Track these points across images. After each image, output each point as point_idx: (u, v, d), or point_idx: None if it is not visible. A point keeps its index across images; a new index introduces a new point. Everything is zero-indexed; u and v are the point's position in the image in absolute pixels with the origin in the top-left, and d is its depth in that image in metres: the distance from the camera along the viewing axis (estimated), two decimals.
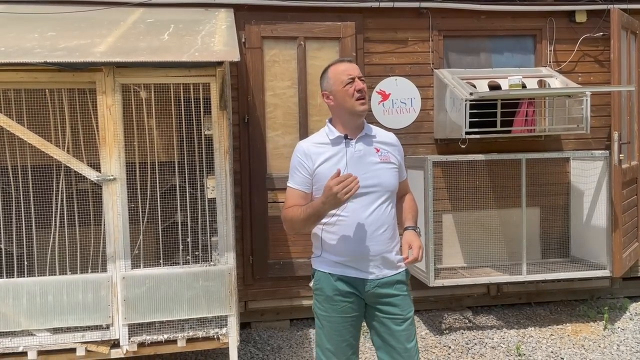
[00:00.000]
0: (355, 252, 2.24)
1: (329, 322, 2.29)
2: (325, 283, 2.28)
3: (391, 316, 2.28)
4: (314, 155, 2.27)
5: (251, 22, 4.30)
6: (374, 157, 2.29)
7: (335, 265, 2.27)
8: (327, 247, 2.28)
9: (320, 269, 2.31)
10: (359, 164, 2.25)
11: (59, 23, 3.70)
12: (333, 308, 2.27)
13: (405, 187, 2.48)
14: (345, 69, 2.27)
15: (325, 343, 2.30)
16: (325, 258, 2.30)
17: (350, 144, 2.27)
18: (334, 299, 2.27)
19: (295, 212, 2.22)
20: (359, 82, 2.25)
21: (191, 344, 3.29)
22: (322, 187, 2.14)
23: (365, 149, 2.29)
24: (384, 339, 2.30)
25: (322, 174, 2.22)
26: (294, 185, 2.30)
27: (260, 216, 4.38)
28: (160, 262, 3.33)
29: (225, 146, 3.29)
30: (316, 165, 2.25)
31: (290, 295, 4.49)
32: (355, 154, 2.26)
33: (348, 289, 2.26)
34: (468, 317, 4.60)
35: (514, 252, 4.57)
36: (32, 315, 3.14)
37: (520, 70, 4.60)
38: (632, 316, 4.61)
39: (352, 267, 2.26)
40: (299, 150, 2.31)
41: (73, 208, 3.33)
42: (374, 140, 2.33)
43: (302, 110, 4.40)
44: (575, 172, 4.76)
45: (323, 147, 2.28)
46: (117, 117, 3.17)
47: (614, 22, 4.32)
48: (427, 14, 4.52)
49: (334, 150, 2.27)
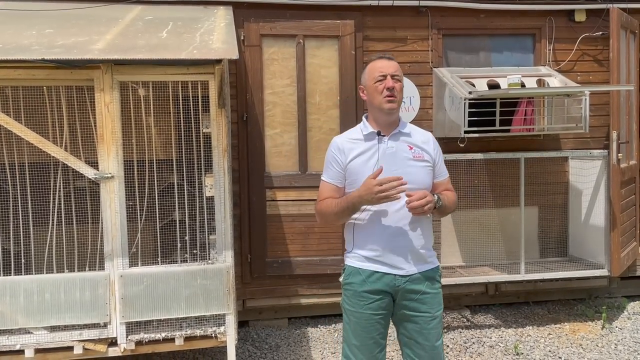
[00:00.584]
0: (385, 246, 2.27)
1: (356, 317, 2.31)
2: (355, 278, 2.32)
3: (420, 314, 2.30)
4: (347, 150, 2.32)
5: (250, 20, 4.29)
6: (406, 154, 2.30)
7: (366, 261, 2.30)
8: (358, 241, 2.32)
9: (350, 264, 2.35)
10: (390, 160, 2.27)
11: (56, 20, 3.68)
12: (361, 304, 2.30)
13: (447, 186, 2.45)
14: (380, 66, 2.30)
15: (352, 339, 2.32)
16: (356, 253, 2.34)
17: (382, 141, 2.32)
18: (363, 295, 2.29)
19: (330, 205, 2.30)
20: (390, 80, 2.27)
21: (189, 343, 3.28)
22: (353, 181, 2.27)
23: (397, 146, 2.31)
24: (412, 336, 2.32)
25: (354, 169, 2.29)
26: (327, 179, 2.36)
27: (259, 214, 4.38)
28: (158, 261, 3.32)
29: (224, 144, 3.28)
30: (348, 160, 2.31)
31: (288, 293, 4.49)
32: (387, 150, 2.29)
33: (378, 286, 2.28)
34: (466, 316, 4.60)
35: (512, 251, 4.57)
36: (30, 313, 3.13)
37: (519, 70, 4.60)
38: (630, 315, 4.61)
39: (382, 263, 2.28)
40: (333, 145, 2.37)
41: (71, 206, 3.31)
42: (408, 138, 2.35)
43: (300, 109, 4.39)
44: (574, 172, 4.76)
45: (356, 143, 2.33)
46: (115, 114, 3.16)
47: (613, 21, 4.32)
48: (427, 13, 4.52)
49: (367, 146, 2.32)
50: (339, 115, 4.43)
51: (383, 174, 2.18)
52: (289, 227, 4.42)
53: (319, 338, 4.28)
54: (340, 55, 4.40)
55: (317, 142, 4.43)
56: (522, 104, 4.45)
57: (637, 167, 4.91)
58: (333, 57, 4.42)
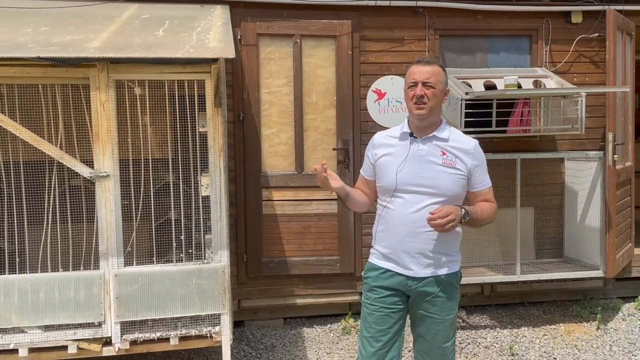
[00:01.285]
0: (398, 246, 2.32)
1: (368, 309, 2.40)
2: (371, 273, 2.42)
3: (430, 315, 2.35)
4: (380, 146, 2.42)
5: (247, 19, 4.28)
6: (436, 159, 2.30)
7: (382, 258, 2.39)
8: (378, 239, 2.42)
9: (370, 260, 2.47)
10: (417, 162, 2.30)
11: (52, 18, 3.67)
12: (373, 297, 2.39)
13: (486, 196, 2.41)
14: (414, 72, 2.32)
15: (363, 330, 2.41)
16: (376, 249, 2.43)
17: (414, 142, 2.34)
18: (375, 290, 2.38)
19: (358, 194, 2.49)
20: (419, 87, 2.27)
21: (184, 342, 3.27)
22: (380, 177, 2.38)
23: (428, 150, 2.31)
24: (422, 333, 2.39)
25: (382, 165, 2.38)
26: (361, 171, 2.54)
27: (255, 214, 4.37)
28: (154, 260, 3.31)
29: (220, 143, 3.28)
30: (379, 155, 2.40)
31: (284, 293, 4.48)
32: (417, 152, 2.32)
33: (389, 283, 2.35)
34: (462, 317, 4.60)
35: (508, 252, 4.58)
36: (24, 313, 3.11)
37: (516, 70, 4.60)
38: (624, 317, 4.62)
39: (394, 262, 2.34)
40: (372, 139, 2.49)
41: (65, 204, 3.30)
42: (443, 142, 2.34)
43: (297, 108, 4.39)
44: (570, 173, 4.77)
45: (391, 140, 2.41)
46: (110, 113, 3.15)
47: (610, 23, 4.33)
48: (424, 13, 4.51)
49: (399, 145, 2.37)
50: (336, 115, 4.43)
51: (407, 175, 2.29)
52: (285, 227, 4.42)
53: (315, 338, 4.27)
54: (337, 55, 4.40)
55: (313, 142, 4.43)
56: (519, 105, 4.45)
57: (632, 169, 4.92)
58: (330, 57, 4.41)
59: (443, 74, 2.33)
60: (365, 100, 4.49)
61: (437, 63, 2.36)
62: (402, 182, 2.28)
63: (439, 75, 2.31)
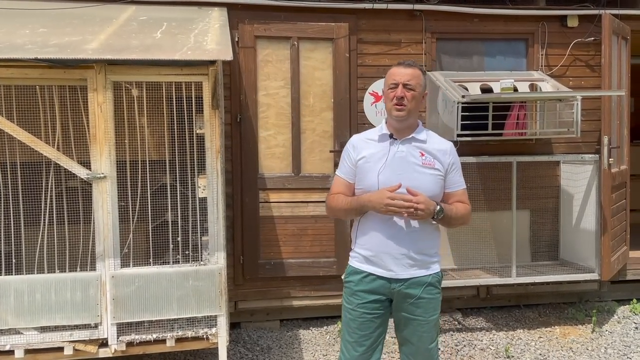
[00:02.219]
0: (381, 249, 2.32)
1: (351, 314, 2.39)
2: (353, 277, 2.40)
3: (414, 317, 2.35)
4: (360, 148, 2.40)
5: (244, 21, 4.29)
6: (415, 160, 2.33)
7: (364, 261, 2.37)
8: (360, 242, 2.40)
9: (351, 263, 2.43)
10: (398, 164, 2.31)
11: (50, 19, 3.67)
12: (356, 302, 2.38)
13: (460, 197, 2.44)
14: (395, 74, 2.33)
15: (346, 335, 2.41)
16: (357, 252, 2.41)
17: (394, 143, 2.35)
18: (357, 294, 2.37)
19: (341, 201, 2.39)
20: (400, 89, 2.29)
21: (180, 344, 3.27)
22: (361, 179, 2.36)
23: (408, 151, 2.34)
24: (408, 337, 2.39)
25: (362, 167, 2.37)
26: (340, 174, 2.46)
27: (252, 216, 4.37)
28: (150, 261, 3.31)
29: (217, 145, 3.28)
30: (359, 157, 2.38)
31: (280, 295, 4.49)
32: (397, 154, 2.33)
33: (372, 287, 2.34)
34: (457, 319, 4.61)
35: (503, 255, 4.59)
36: (20, 314, 3.11)
37: (512, 74, 4.62)
38: (619, 319, 4.64)
39: (377, 265, 2.33)
40: (350, 142, 2.46)
41: (62, 206, 3.30)
42: (422, 144, 2.37)
43: (294, 111, 4.40)
44: (566, 176, 4.79)
45: (370, 143, 2.40)
46: (108, 114, 3.15)
47: (605, 27, 4.36)
48: (421, 16, 4.53)
49: (379, 147, 2.37)
50: (333, 117, 4.44)
51: (388, 177, 2.28)
52: (281, 229, 4.42)
53: (311, 340, 4.28)
54: (335, 58, 4.41)
55: (310, 144, 4.44)
56: (515, 108, 4.47)
57: (627, 172, 4.95)
58: (327, 59, 4.43)
59: (423, 78, 2.37)
60: (362, 103, 4.50)
61: (417, 66, 2.37)
62: (384, 184, 2.28)
63: (419, 78, 2.34)
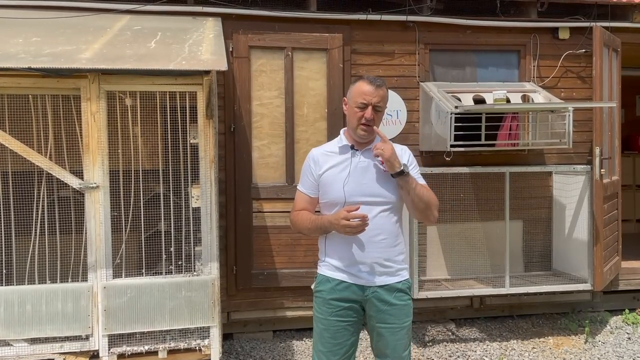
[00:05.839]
0: (352, 257, 2.33)
1: (323, 324, 2.38)
2: (324, 286, 2.39)
3: (387, 325, 2.36)
4: (321, 162, 2.40)
5: (239, 32, 4.30)
6: (377, 168, 2.35)
7: (336, 270, 2.37)
8: (329, 251, 2.40)
9: (321, 273, 2.43)
10: (361, 174, 2.34)
11: (44, 28, 3.66)
12: (329, 311, 2.37)
13: None
14: (365, 92, 2.31)
15: (318, 344, 2.40)
16: (327, 262, 2.40)
17: (355, 154, 2.37)
18: (330, 303, 2.37)
19: (304, 219, 2.39)
20: (369, 111, 2.30)
21: (172, 356, 3.25)
22: (325, 192, 2.36)
23: (369, 160, 2.36)
24: (380, 347, 2.39)
25: (326, 180, 2.36)
26: (302, 189, 2.45)
27: (245, 226, 4.36)
28: (143, 272, 3.29)
29: (211, 155, 3.28)
30: (322, 171, 2.38)
31: (273, 306, 4.46)
32: (359, 164, 2.36)
33: (345, 294, 2.35)
34: (451, 330, 4.61)
35: (497, 265, 4.60)
36: (10, 325, 3.07)
37: (504, 85, 4.66)
38: (612, 330, 4.65)
39: (349, 273, 2.35)
40: (309, 156, 2.45)
41: (54, 215, 3.27)
42: None
43: (288, 121, 4.40)
44: (558, 186, 4.82)
45: (331, 156, 2.41)
46: (101, 124, 3.14)
47: (596, 39, 4.41)
48: (414, 28, 4.57)
49: (340, 159, 2.38)
50: (327, 127, 4.44)
51: (354, 187, 2.30)
52: (275, 239, 4.41)
53: (304, 351, 4.25)
54: (328, 68, 4.43)
55: (304, 154, 4.41)
56: (507, 119, 4.50)
57: (619, 183, 4.99)
58: (321, 69, 4.44)
59: (387, 96, 2.40)
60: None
61: (385, 84, 2.37)
62: (351, 194, 2.30)
63: (386, 98, 2.37)
